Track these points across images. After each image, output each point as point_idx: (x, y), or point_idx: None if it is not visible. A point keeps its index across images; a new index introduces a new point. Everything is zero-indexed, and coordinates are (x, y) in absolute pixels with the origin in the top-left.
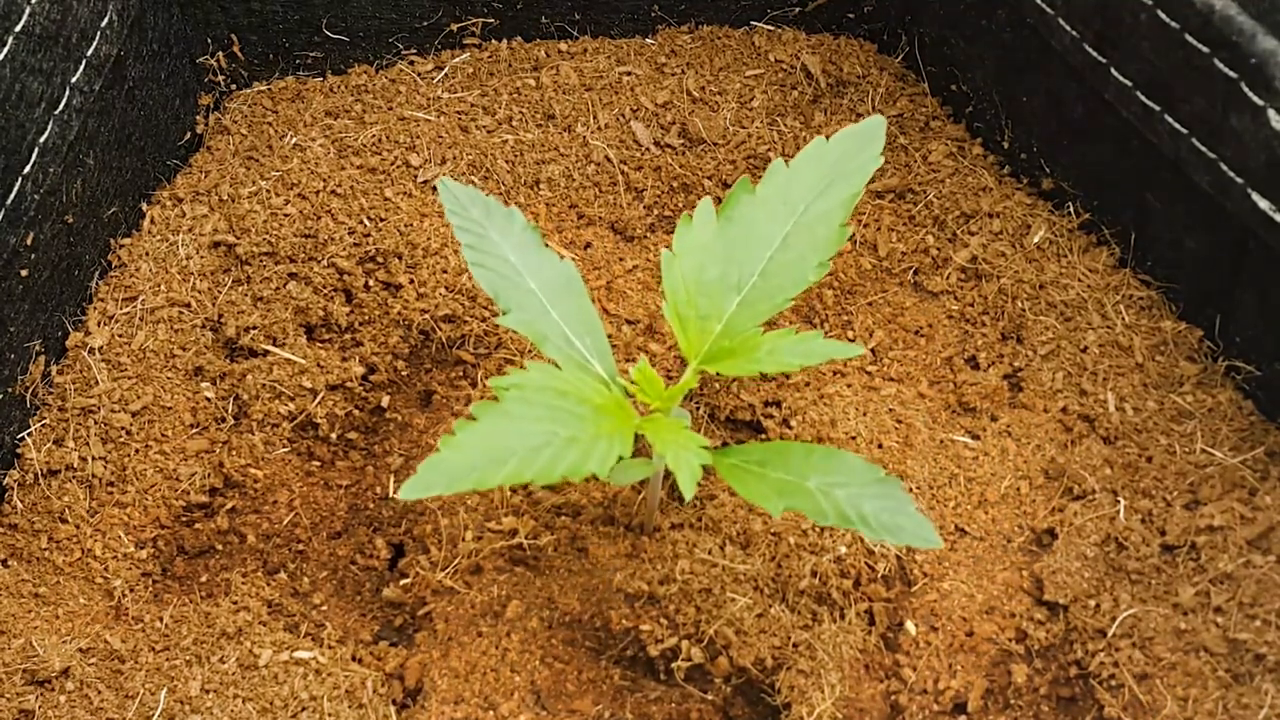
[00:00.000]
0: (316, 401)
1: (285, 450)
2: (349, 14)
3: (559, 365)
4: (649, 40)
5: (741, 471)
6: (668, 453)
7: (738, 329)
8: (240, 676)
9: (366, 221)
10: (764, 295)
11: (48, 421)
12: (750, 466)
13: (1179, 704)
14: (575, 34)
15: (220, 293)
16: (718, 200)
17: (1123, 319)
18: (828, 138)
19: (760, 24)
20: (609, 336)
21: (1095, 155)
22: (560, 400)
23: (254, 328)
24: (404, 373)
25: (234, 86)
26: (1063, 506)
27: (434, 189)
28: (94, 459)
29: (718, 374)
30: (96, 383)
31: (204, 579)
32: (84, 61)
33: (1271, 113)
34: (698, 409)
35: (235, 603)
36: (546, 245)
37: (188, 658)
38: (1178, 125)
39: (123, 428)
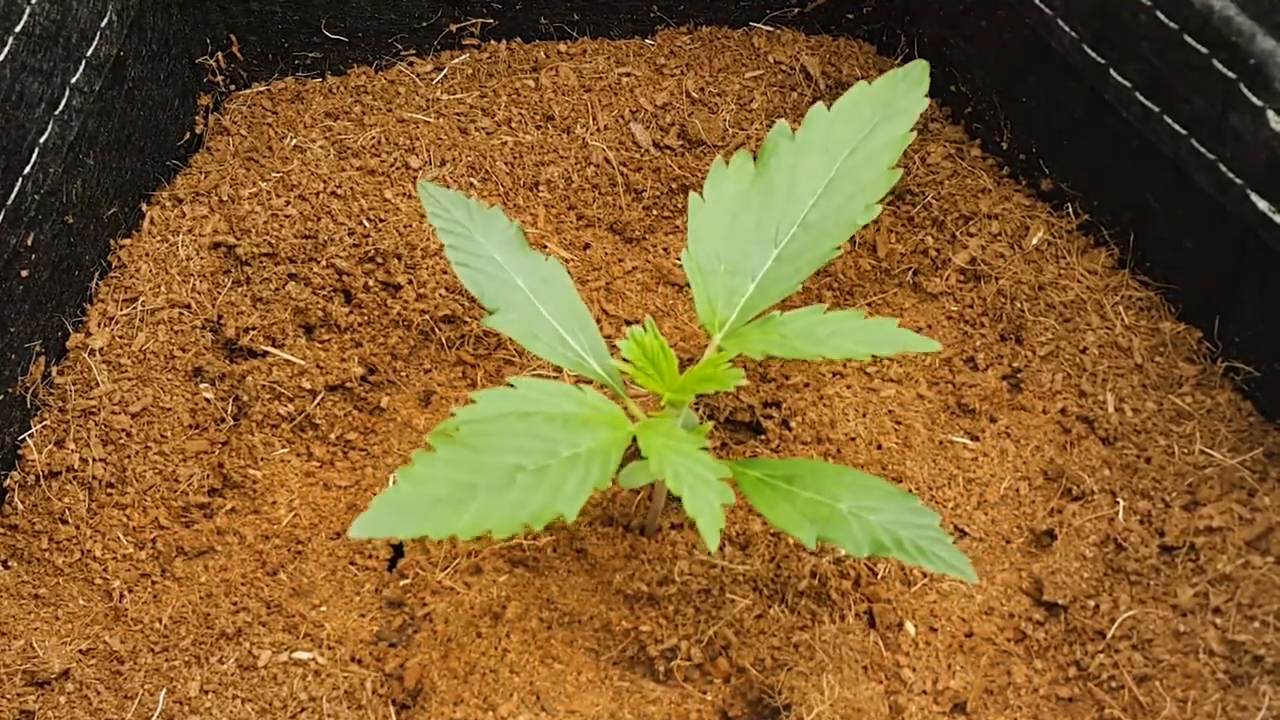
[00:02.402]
0: (316, 402)
1: (285, 451)
2: (348, 14)
3: (552, 364)
4: (648, 41)
5: (768, 489)
6: (681, 489)
7: (774, 289)
8: (239, 677)
9: (366, 222)
10: (807, 246)
11: (48, 423)
12: (777, 483)
13: (1178, 705)
14: (574, 35)
15: (220, 294)
16: None
17: (1122, 320)
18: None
19: (759, 25)
20: (607, 338)
21: (1094, 156)
22: (522, 425)
23: (253, 328)
24: (404, 373)
25: (233, 87)
26: (1062, 507)
27: None
28: (94, 460)
29: (767, 359)
30: (97, 384)
31: (203, 580)
32: (84, 62)
33: (1271, 113)
34: (695, 408)
35: (235, 603)
36: (544, 246)
37: (187, 658)
38: (1177, 126)
39: (123, 429)
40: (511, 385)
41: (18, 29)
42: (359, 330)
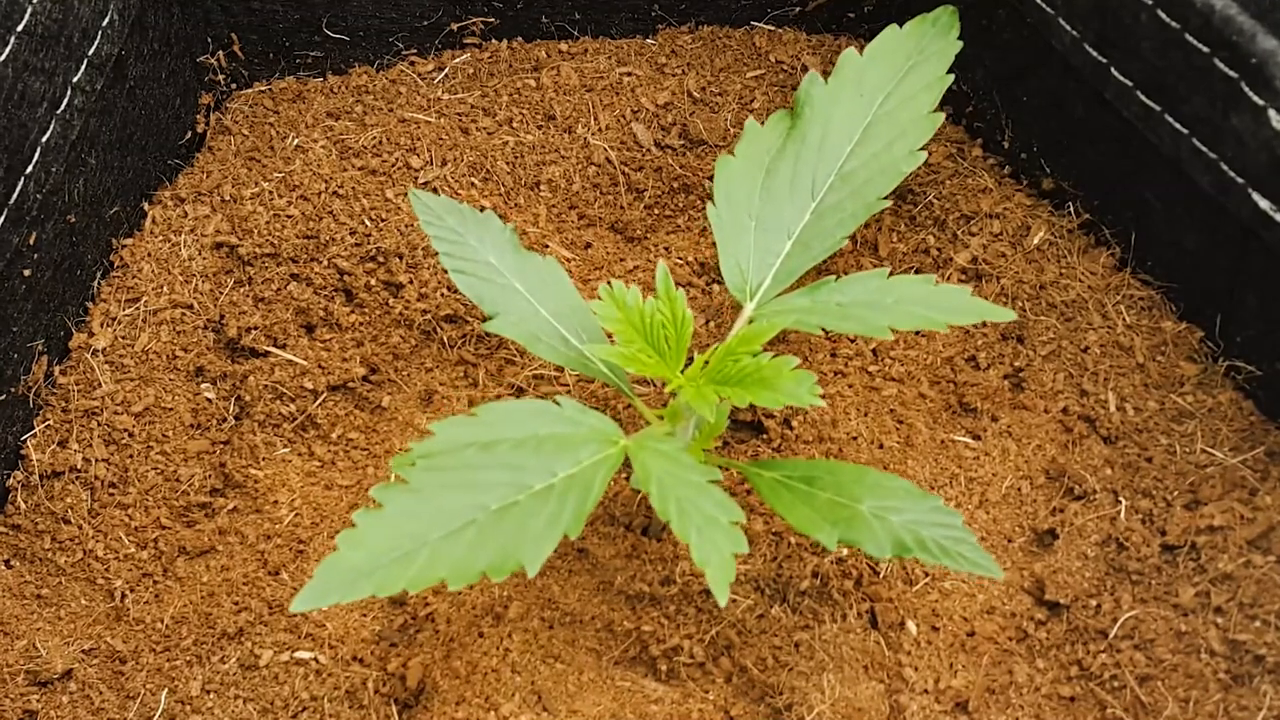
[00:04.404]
0: (318, 402)
1: (286, 450)
2: (349, 13)
3: (556, 365)
4: (649, 40)
5: (785, 491)
6: (688, 532)
7: (814, 246)
8: (241, 677)
9: (368, 222)
10: (847, 197)
11: (51, 423)
12: (795, 485)
13: (1180, 705)
14: (575, 34)
15: (222, 294)
16: None
17: (1123, 319)
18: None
19: (761, 24)
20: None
21: (1095, 155)
22: (484, 458)
23: (255, 328)
24: (405, 372)
25: (234, 86)
26: (1063, 507)
27: (434, 191)
28: (96, 460)
29: (830, 332)
30: (99, 384)
31: (205, 579)
32: (85, 61)
33: (1271, 113)
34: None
35: (236, 603)
36: (545, 246)
37: (188, 658)
38: (1178, 125)
39: (125, 429)
40: (473, 413)
41: (19, 28)
42: (360, 330)
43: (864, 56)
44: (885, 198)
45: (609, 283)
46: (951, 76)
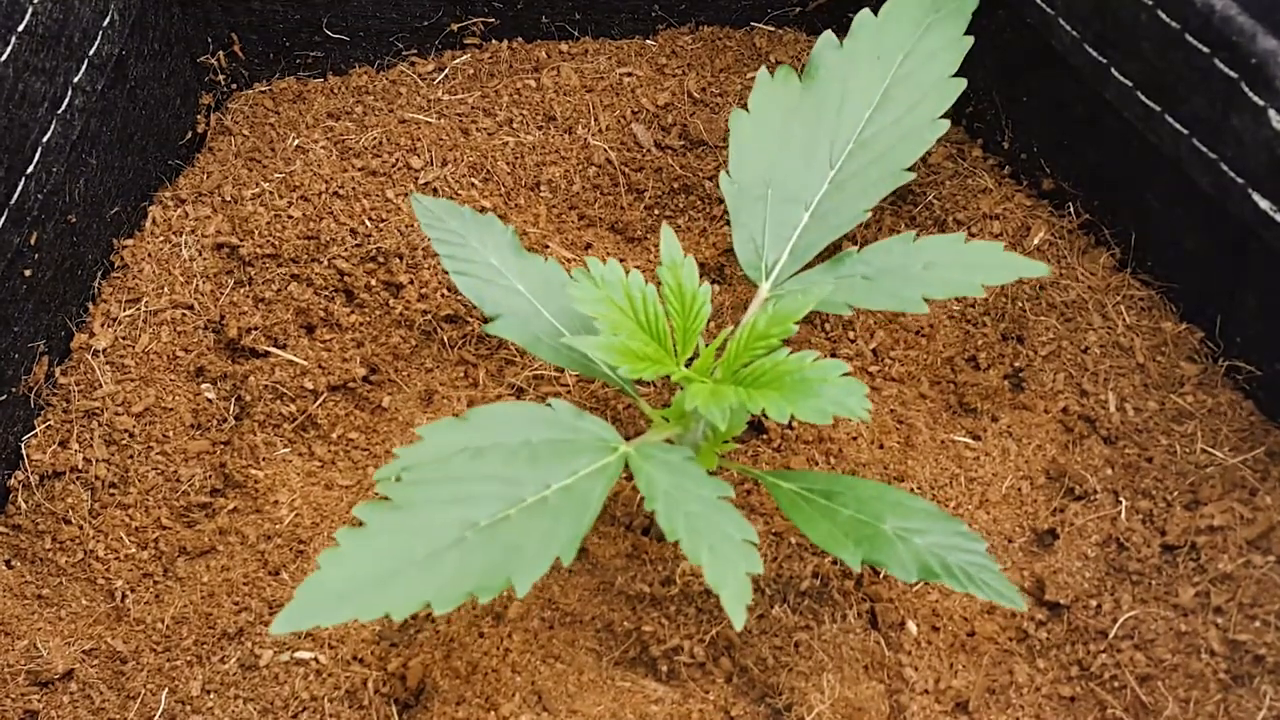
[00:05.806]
0: (318, 402)
1: (286, 450)
2: (349, 13)
3: (556, 366)
4: (650, 41)
5: (805, 505)
6: (700, 553)
7: (833, 218)
8: (241, 677)
9: (368, 222)
10: (868, 165)
11: (52, 423)
12: (815, 499)
13: (1180, 705)
14: (576, 34)
15: (223, 294)
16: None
17: (1123, 319)
18: None
19: (761, 25)
20: None
21: (1095, 156)
22: (475, 466)
23: (256, 329)
24: (405, 372)
25: (234, 86)
26: (1064, 507)
27: (434, 191)
28: (97, 460)
29: (864, 309)
30: (100, 385)
31: (205, 579)
32: (86, 61)
33: (1271, 113)
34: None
35: (236, 603)
36: (545, 246)
37: (189, 658)
38: (1178, 125)
39: (125, 430)
40: (464, 417)
41: (20, 29)
42: (361, 330)
43: (879, 17)
44: (909, 169)
45: (584, 261)
46: (971, 39)
